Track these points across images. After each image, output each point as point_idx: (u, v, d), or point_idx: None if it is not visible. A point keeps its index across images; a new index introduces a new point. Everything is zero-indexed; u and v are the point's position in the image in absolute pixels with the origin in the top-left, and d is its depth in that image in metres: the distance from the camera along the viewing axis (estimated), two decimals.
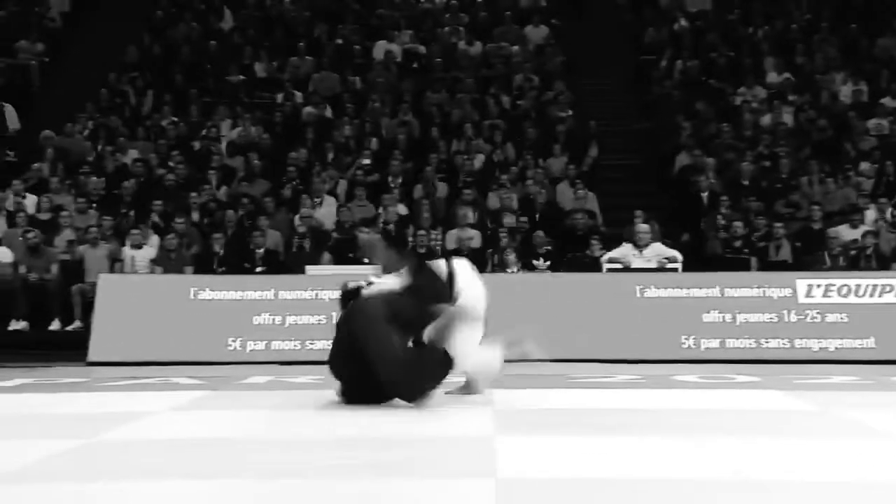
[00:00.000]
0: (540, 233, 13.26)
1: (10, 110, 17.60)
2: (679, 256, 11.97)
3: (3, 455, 4.64)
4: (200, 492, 3.84)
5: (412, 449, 4.85)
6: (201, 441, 5.19)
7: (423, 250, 13.09)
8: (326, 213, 14.23)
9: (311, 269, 11.82)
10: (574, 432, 5.31)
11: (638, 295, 11.02)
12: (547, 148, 16.29)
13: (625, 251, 12.17)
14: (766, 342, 10.73)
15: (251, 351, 10.91)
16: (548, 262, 12.86)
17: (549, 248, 13.20)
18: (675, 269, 11.78)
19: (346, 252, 12.49)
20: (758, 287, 11.02)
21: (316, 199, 14.58)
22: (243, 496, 3.75)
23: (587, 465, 4.30)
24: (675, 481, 3.93)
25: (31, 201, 14.58)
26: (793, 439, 5.09)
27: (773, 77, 17.94)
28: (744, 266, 12.75)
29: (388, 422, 5.65)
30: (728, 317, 10.86)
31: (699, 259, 13.16)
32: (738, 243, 13.23)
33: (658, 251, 12.09)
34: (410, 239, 13.60)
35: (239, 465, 4.40)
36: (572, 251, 13.25)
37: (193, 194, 14.56)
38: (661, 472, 4.15)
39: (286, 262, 13.15)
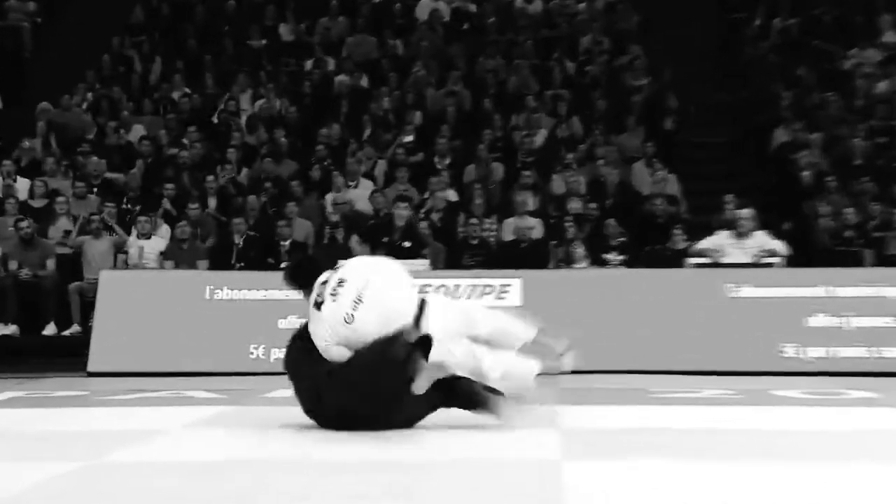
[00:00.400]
0: (612, 221, 13.20)
1: None
2: (784, 250, 11.86)
3: None
4: None
5: (462, 475, 4.84)
6: (219, 464, 5.22)
7: (475, 241, 13.09)
8: (362, 197, 14.29)
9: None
10: (653, 455, 5.28)
11: (730, 294, 10.93)
12: (620, 122, 16.21)
13: (720, 241, 12.05)
14: (883, 350, 10.59)
15: (276, 360, 10.95)
16: (622, 256, 12.79)
17: (624, 239, 13.13)
18: (772, 265, 11.66)
19: (381, 237, 12.50)
20: (872, 285, 10.88)
21: (350, 183, 14.63)
22: None
23: (668, 498, 4.26)
24: None
25: (22, 185, 14.74)
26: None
27: (889, 37, 17.68)
28: (856, 261, 12.60)
29: (432, 442, 5.65)
30: (837, 321, 10.74)
31: (802, 252, 13.02)
32: (848, 233, 13.09)
33: (762, 242, 11.97)
34: (461, 229, 13.58)
35: (262, 492, 4.41)
36: (651, 243, 13.17)
37: (210, 177, 14.69)
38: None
39: (316, 256, 13.19)
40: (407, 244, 12.32)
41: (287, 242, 13.11)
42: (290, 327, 10.99)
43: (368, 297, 5.85)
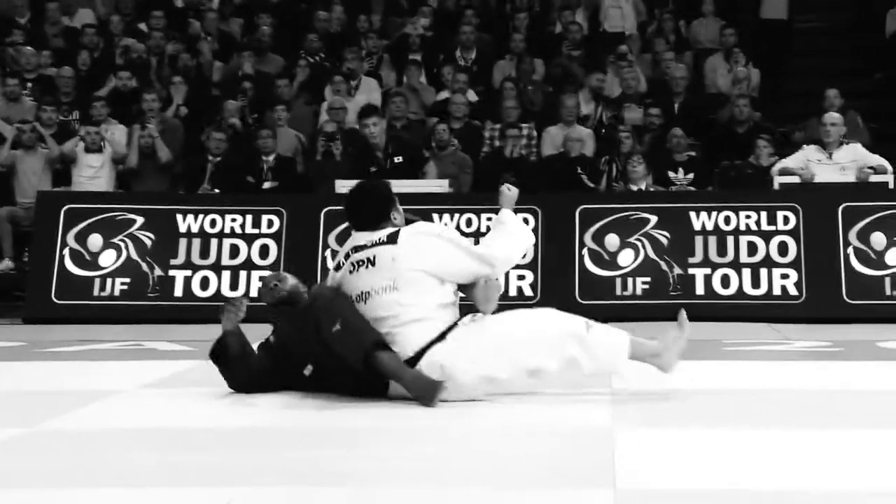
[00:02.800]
0: (678, 130, 13.14)
1: None
2: (888, 166, 11.79)
3: None
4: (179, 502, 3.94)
5: (480, 443, 4.93)
6: (186, 431, 5.31)
7: (515, 155, 13.07)
8: (365, 102, 14.22)
9: (342, 185, 11.87)
10: (721, 423, 5.39)
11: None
12: (691, 2, 16.09)
13: (805, 157, 12.01)
14: None
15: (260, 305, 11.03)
16: (691, 175, 12.76)
17: (693, 153, 13.09)
18: (883, 184, 11.62)
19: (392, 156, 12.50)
20: None
21: (351, 82, 14.59)
22: None
23: (741, 471, 4.35)
24: (862, 496, 3.95)
25: None
26: None
27: None
28: None
29: (478, 411, 5.78)
30: None
31: None
32: None
33: (856, 156, 11.91)
34: (487, 139, 13.55)
35: (237, 466, 4.51)
36: (728, 158, 13.11)
37: (177, 79, 14.62)
38: (847, 482, 4.18)
39: (307, 175, 13.21)
40: (398, 160, 12.29)
41: (271, 157, 13.10)
42: (274, 262, 11.11)
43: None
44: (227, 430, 5.33)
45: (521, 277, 10.80)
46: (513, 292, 10.65)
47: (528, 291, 10.77)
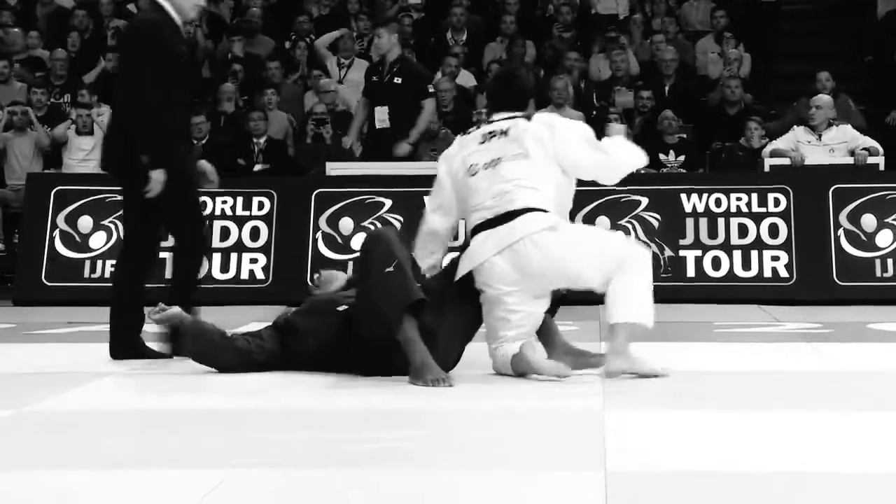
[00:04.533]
0: (669, 113, 13.13)
1: None
2: (879, 148, 11.78)
3: None
4: (161, 485, 3.92)
5: (473, 425, 4.92)
6: (174, 413, 5.30)
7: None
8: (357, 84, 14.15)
9: (333, 168, 11.85)
10: (712, 405, 5.41)
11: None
12: None
13: (795, 139, 11.99)
14: None
15: (249, 287, 11.02)
16: (682, 157, 12.76)
17: (684, 135, 13.07)
18: (874, 166, 11.63)
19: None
20: None
21: (343, 61, 14.55)
22: (235, 491, 3.83)
23: (731, 453, 4.35)
24: (848, 477, 3.96)
25: None
26: None
27: None
28: None
29: (469, 392, 5.79)
30: None
31: None
32: None
33: (845, 137, 11.89)
34: (475, 118, 13.53)
35: (227, 448, 4.49)
36: (719, 139, 13.11)
37: None
38: (836, 464, 4.18)
39: (297, 157, 13.19)
40: (397, 80, 12.14)
41: (262, 140, 13.08)
42: (265, 244, 11.09)
43: None
44: (214, 412, 5.32)
45: None
46: None
47: None
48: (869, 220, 10.77)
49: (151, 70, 6.77)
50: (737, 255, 10.88)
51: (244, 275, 11.14)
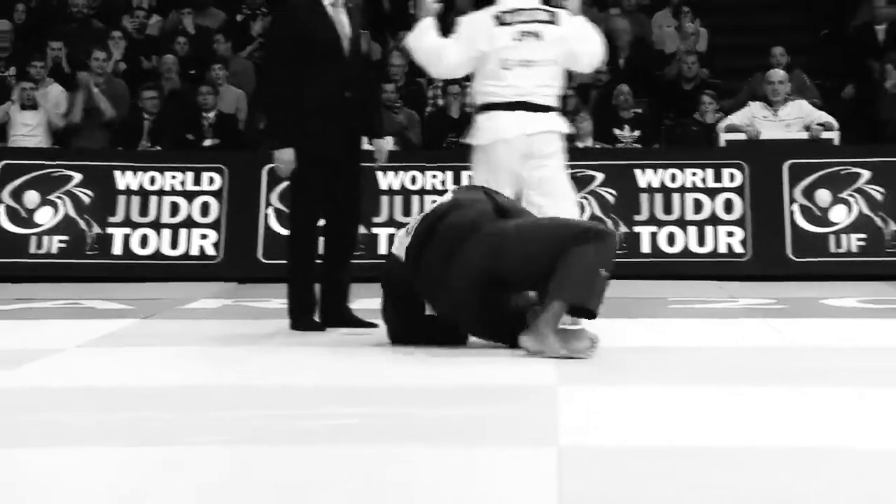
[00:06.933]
0: (625, 87, 13.15)
1: None
2: (834, 123, 11.85)
3: None
4: (113, 463, 3.93)
5: (427, 402, 4.95)
6: (124, 390, 5.30)
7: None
8: None
9: None
10: (666, 380, 5.44)
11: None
12: None
13: (751, 114, 12.05)
14: None
15: (199, 263, 11.01)
16: (636, 132, 12.79)
17: (639, 110, 13.10)
18: (828, 141, 11.70)
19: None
20: None
21: None
22: (189, 468, 3.85)
23: (685, 428, 4.41)
24: (805, 451, 4.01)
25: None
26: None
27: None
28: None
29: (421, 368, 5.82)
30: None
31: (869, 125, 13.07)
32: None
33: (801, 113, 11.96)
34: (430, 97, 13.52)
35: (181, 425, 4.51)
36: (674, 115, 13.16)
37: (116, 33, 14.48)
38: (789, 438, 4.23)
39: (247, 134, 13.14)
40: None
41: (211, 114, 13.03)
42: (215, 220, 11.08)
43: None
44: (165, 389, 5.32)
45: None
46: None
47: None
48: (824, 196, 10.87)
49: None
50: (692, 230, 10.95)
51: (194, 251, 11.13)
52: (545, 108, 7.15)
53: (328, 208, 7.16)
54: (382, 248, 10.56)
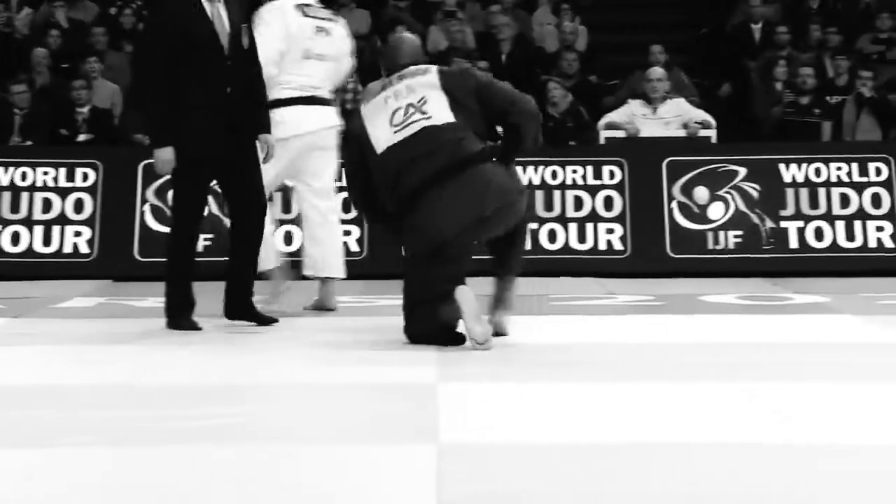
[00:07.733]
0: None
1: None
2: (712, 121, 11.99)
3: None
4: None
5: (306, 400, 4.94)
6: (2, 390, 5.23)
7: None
8: None
9: None
10: (546, 377, 5.49)
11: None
12: None
13: (630, 112, 12.15)
14: (843, 243, 10.89)
15: (72, 261, 10.88)
16: None
17: None
18: (706, 138, 11.84)
19: None
20: (839, 164, 11.19)
21: None
22: (67, 470, 3.79)
23: (565, 425, 4.44)
24: (677, 446, 4.07)
25: None
26: (862, 385, 5.26)
27: None
28: (814, 134, 12.76)
29: (303, 366, 5.82)
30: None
31: (745, 123, 13.24)
32: (805, 100, 13.06)
33: (680, 111, 12.09)
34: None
35: (56, 426, 4.45)
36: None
37: None
38: (670, 434, 4.28)
39: (122, 128, 13.02)
40: None
41: (85, 109, 12.89)
42: (89, 217, 10.95)
43: None
44: (37, 389, 5.27)
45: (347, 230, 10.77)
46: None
47: (354, 248, 10.73)
48: (701, 193, 10.99)
49: None
50: (572, 227, 11.01)
51: (67, 248, 10.97)
52: (328, 103, 7.86)
53: (229, 204, 7.21)
54: None
